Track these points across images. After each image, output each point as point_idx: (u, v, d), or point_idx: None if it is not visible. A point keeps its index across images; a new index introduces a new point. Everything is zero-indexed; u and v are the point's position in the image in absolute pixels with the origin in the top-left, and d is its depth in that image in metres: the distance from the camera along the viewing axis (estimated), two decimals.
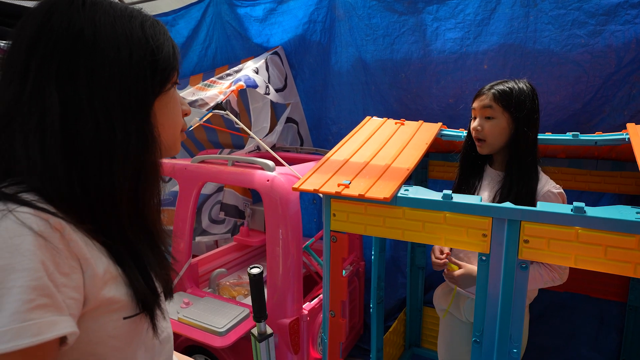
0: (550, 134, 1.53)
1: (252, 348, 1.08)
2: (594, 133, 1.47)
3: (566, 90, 1.85)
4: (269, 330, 1.07)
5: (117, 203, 0.55)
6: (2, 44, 2.06)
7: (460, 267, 1.34)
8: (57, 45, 0.52)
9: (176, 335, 1.74)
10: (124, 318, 0.56)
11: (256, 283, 1.01)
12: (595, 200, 1.94)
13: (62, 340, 0.48)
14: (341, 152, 1.46)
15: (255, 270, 0.99)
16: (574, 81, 1.83)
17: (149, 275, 0.60)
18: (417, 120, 1.73)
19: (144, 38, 0.57)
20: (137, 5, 2.88)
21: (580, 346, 2.09)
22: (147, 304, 0.58)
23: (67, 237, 0.49)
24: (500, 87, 1.31)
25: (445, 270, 1.36)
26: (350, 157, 1.41)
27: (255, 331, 1.07)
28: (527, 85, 1.32)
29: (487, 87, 1.34)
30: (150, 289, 0.59)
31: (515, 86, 1.30)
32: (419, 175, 2.13)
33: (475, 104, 1.35)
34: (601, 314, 2.03)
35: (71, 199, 0.52)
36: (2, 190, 0.49)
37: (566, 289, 2.04)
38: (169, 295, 0.68)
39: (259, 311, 1.04)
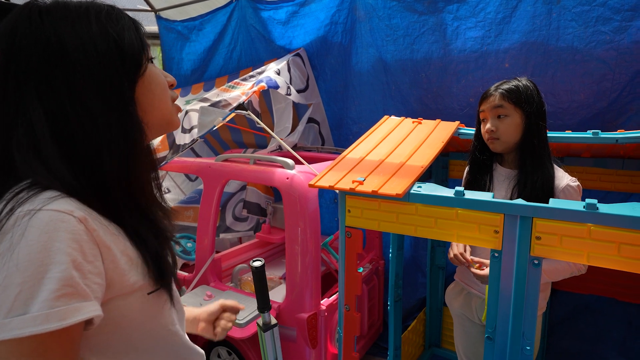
0: (570, 132, 1.51)
1: (259, 338, 1.13)
2: (617, 131, 1.44)
3: (591, 88, 1.81)
4: (274, 320, 1.12)
5: (111, 191, 0.59)
6: None
7: (480, 263, 1.34)
8: (29, 62, 0.55)
9: None
10: (148, 294, 0.62)
11: (259, 275, 1.05)
12: (622, 200, 1.89)
13: (90, 321, 0.54)
14: (358, 150, 1.49)
15: (257, 263, 1.04)
16: (599, 79, 1.79)
17: (158, 253, 0.65)
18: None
19: (104, 30, 0.59)
20: (166, 11, 2.98)
21: (607, 351, 2.03)
22: (163, 278, 0.64)
23: (89, 228, 0.54)
24: (506, 86, 1.33)
25: (471, 269, 1.35)
26: (366, 155, 1.44)
27: (260, 322, 1.12)
28: (529, 81, 1.34)
29: (493, 88, 1.36)
30: (162, 265, 0.64)
31: (520, 83, 1.33)
32: (439, 174, 2.13)
33: (484, 106, 1.37)
34: (629, 318, 1.97)
35: (79, 191, 0.56)
36: (26, 191, 0.53)
37: (592, 291, 1.99)
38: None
39: (263, 302, 1.08)
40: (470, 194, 1.12)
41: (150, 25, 3.21)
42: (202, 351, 0.79)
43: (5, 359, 0.49)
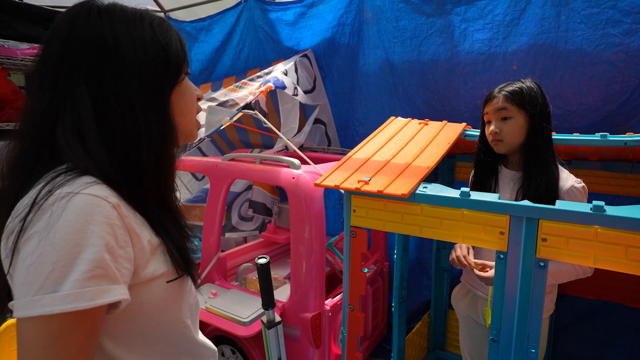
0: (577, 134, 1.50)
1: (263, 335, 1.13)
2: (626, 134, 1.43)
3: (600, 91, 1.80)
4: (278, 318, 1.12)
5: (144, 184, 0.62)
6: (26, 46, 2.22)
7: (483, 265, 1.34)
8: (83, 54, 0.59)
9: (204, 325, 1.82)
10: (168, 282, 0.64)
11: (263, 272, 1.06)
12: (631, 204, 1.86)
13: (116, 304, 0.56)
14: (363, 150, 1.50)
15: (262, 261, 1.05)
16: (608, 81, 1.77)
17: (180, 244, 0.67)
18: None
19: (155, 37, 0.64)
20: (176, 12, 3.02)
21: (614, 357, 2.00)
22: (186, 266, 0.67)
23: (122, 214, 0.57)
24: (510, 88, 1.33)
25: (475, 271, 1.35)
26: (372, 156, 1.44)
27: (264, 319, 1.12)
28: (533, 83, 1.34)
29: (497, 90, 1.36)
30: (185, 254, 0.67)
31: (524, 85, 1.32)
32: (445, 176, 2.13)
33: (488, 109, 1.37)
34: (637, 324, 1.95)
35: (113, 179, 0.59)
36: (63, 175, 0.56)
37: (599, 296, 1.97)
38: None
39: (267, 299, 1.09)
40: (476, 195, 1.11)
41: None
42: (214, 347, 0.81)
43: (30, 337, 0.50)
